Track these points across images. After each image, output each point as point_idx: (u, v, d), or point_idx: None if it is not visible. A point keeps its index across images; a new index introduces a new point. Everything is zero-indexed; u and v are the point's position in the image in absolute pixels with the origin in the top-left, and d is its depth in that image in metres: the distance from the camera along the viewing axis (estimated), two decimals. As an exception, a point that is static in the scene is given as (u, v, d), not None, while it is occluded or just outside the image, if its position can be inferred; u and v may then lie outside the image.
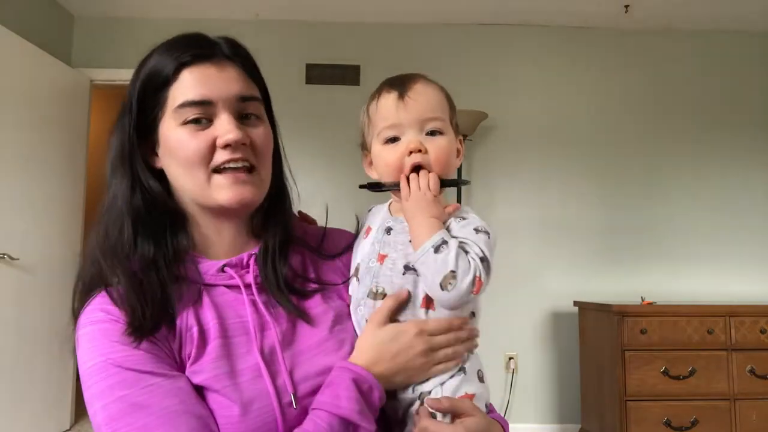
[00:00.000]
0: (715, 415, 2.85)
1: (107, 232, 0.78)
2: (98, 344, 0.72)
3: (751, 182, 3.65)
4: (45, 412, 3.13)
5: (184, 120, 0.77)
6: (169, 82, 0.78)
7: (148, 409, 0.68)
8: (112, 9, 3.58)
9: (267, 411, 0.72)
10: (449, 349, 0.80)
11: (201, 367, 0.73)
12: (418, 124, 0.84)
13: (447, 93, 0.89)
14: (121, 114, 0.82)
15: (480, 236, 0.80)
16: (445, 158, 0.84)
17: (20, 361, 2.92)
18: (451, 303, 0.79)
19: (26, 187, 3.01)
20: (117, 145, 0.81)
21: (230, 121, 0.77)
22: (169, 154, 0.79)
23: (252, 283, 0.81)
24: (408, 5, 3.49)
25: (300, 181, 0.92)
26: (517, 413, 3.46)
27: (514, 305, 3.51)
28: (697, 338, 2.89)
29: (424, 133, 0.84)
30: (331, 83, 3.60)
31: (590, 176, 3.63)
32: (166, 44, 0.81)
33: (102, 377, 0.70)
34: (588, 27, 3.69)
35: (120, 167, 0.80)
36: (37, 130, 3.09)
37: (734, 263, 3.57)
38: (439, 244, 0.77)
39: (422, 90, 0.85)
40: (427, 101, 0.84)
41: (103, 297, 0.75)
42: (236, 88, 0.80)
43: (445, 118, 0.86)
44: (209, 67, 0.79)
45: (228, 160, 0.77)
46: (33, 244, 3.02)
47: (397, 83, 0.86)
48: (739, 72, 3.71)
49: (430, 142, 0.84)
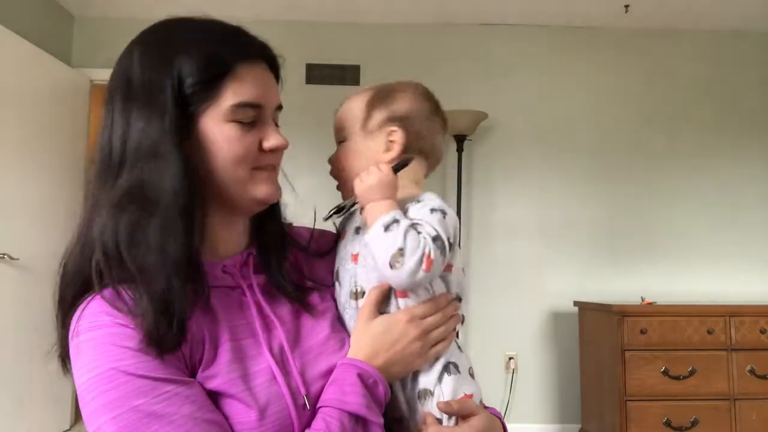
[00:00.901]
0: (715, 415, 2.85)
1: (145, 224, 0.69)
2: (104, 351, 0.66)
3: (751, 182, 3.65)
4: (45, 413, 3.13)
5: (235, 118, 0.74)
6: (224, 76, 0.74)
7: (166, 418, 0.64)
8: (112, 9, 3.58)
9: (283, 414, 0.71)
10: (441, 328, 0.81)
11: (214, 372, 0.70)
12: (335, 136, 0.94)
13: (375, 93, 0.92)
14: (146, 93, 0.72)
15: (435, 215, 0.80)
16: (342, 164, 0.91)
17: (20, 361, 2.92)
18: (402, 282, 0.77)
19: (26, 187, 3.01)
20: (156, 127, 0.71)
21: (275, 128, 0.80)
22: (210, 148, 0.74)
23: (254, 283, 0.80)
24: (408, 5, 3.49)
25: (300, 180, 0.92)
26: (517, 413, 3.46)
27: (514, 305, 3.51)
28: (697, 338, 2.89)
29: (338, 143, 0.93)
30: (331, 83, 3.60)
31: (590, 176, 3.63)
32: (212, 30, 0.79)
33: (110, 387, 0.64)
34: (588, 27, 3.69)
35: (168, 151, 0.71)
36: (37, 130, 3.09)
37: (734, 263, 3.57)
38: (389, 223, 0.78)
39: (342, 108, 0.94)
40: (339, 115, 0.94)
41: (101, 300, 0.69)
42: (276, 95, 0.81)
43: (349, 125, 0.91)
44: (263, 67, 0.80)
45: (270, 162, 0.80)
46: (33, 244, 3.02)
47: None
48: (739, 72, 3.71)
49: (336, 152, 0.93)
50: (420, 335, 0.79)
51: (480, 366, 0.87)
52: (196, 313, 0.72)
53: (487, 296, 3.52)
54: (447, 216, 0.81)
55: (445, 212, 0.81)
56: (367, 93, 0.93)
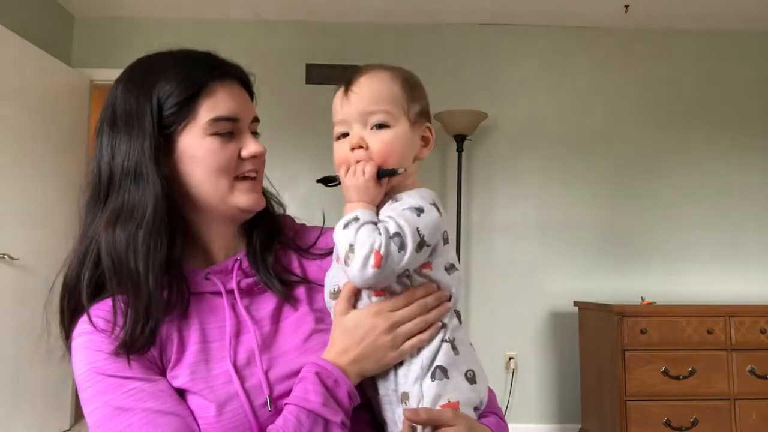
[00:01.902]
0: (715, 415, 2.85)
1: (135, 249, 0.78)
2: (85, 354, 0.78)
3: (751, 182, 3.65)
4: (45, 413, 3.13)
5: (214, 131, 0.82)
6: (199, 95, 0.82)
7: (130, 411, 0.73)
8: (112, 9, 3.58)
9: (240, 412, 0.75)
10: (416, 320, 0.78)
11: (179, 372, 0.78)
12: (360, 118, 0.82)
13: (408, 80, 0.86)
14: (129, 119, 0.81)
15: (405, 212, 0.77)
16: (388, 152, 0.81)
17: (20, 361, 2.92)
18: (355, 279, 0.75)
19: (26, 187, 3.01)
20: (137, 151, 0.80)
21: (252, 137, 0.86)
22: (193, 161, 0.82)
23: (235, 288, 0.85)
24: (408, 5, 3.49)
25: (300, 180, 0.93)
26: (517, 413, 3.46)
27: (514, 305, 3.51)
28: (697, 338, 2.89)
29: (368, 127, 0.82)
30: (331, 83, 3.58)
31: (590, 176, 3.63)
32: (182, 58, 0.86)
33: (89, 384, 0.76)
34: (588, 27, 3.69)
35: (147, 172, 0.79)
36: (37, 130, 3.09)
37: (734, 263, 3.57)
38: (349, 221, 0.76)
39: (366, 82, 0.83)
40: (370, 93, 0.82)
41: (94, 309, 0.79)
42: (251, 109, 0.88)
43: (391, 109, 0.82)
44: (236, 85, 0.87)
45: (249, 170, 0.85)
46: (33, 244, 3.02)
47: (347, 77, 0.85)
48: (739, 72, 3.71)
49: (373, 137, 0.81)
50: (389, 328, 0.78)
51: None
52: (171, 318, 0.80)
53: (487, 296, 3.52)
54: (423, 214, 0.77)
55: (421, 209, 0.77)
56: (397, 76, 0.85)
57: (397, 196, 0.81)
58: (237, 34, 3.56)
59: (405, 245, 0.74)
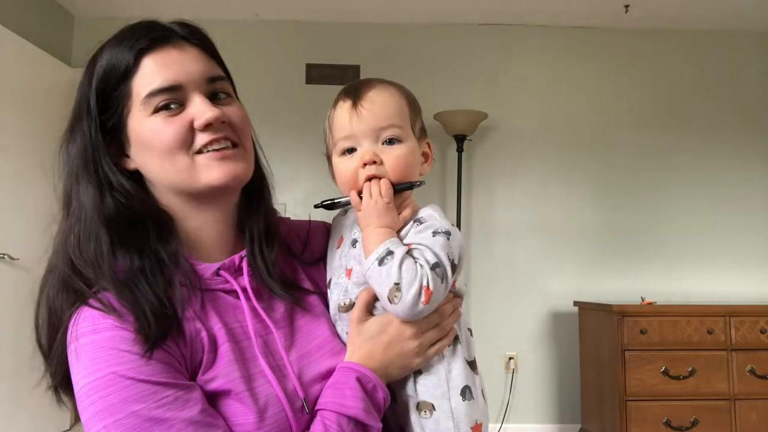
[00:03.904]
0: (715, 415, 2.84)
1: (79, 245, 0.72)
2: (104, 355, 0.65)
3: (750, 182, 3.65)
4: (45, 413, 3.12)
5: (154, 108, 0.73)
6: (129, 73, 0.74)
7: (167, 422, 0.64)
8: (112, 9, 3.58)
9: (281, 417, 0.71)
10: (439, 326, 0.78)
11: (216, 373, 0.70)
12: (372, 134, 0.80)
13: (409, 96, 0.85)
14: (76, 119, 0.76)
15: (437, 239, 0.76)
16: (403, 167, 0.80)
17: (20, 361, 2.92)
18: (405, 317, 0.75)
19: (26, 187, 3.01)
20: (78, 152, 0.75)
21: (204, 101, 0.74)
22: (143, 147, 0.74)
23: (248, 287, 0.78)
24: (408, 5, 3.49)
25: (300, 180, 0.93)
26: (517, 413, 3.46)
27: (514, 305, 3.51)
28: (697, 338, 2.89)
29: (380, 143, 0.80)
30: (331, 83, 3.59)
31: (590, 176, 3.63)
32: (116, 37, 0.78)
33: (111, 391, 0.64)
34: (588, 27, 3.69)
35: (84, 174, 0.75)
36: (37, 130, 3.09)
37: (734, 263, 3.57)
38: (383, 256, 0.74)
39: (377, 97, 0.81)
40: (382, 109, 0.80)
41: (95, 306, 0.69)
42: (202, 68, 0.76)
43: (402, 124, 0.81)
44: (170, 50, 0.75)
45: (210, 141, 0.74)
46: (33, 244, 3.01)
47: (352, 91, 0.83)
48: (739, 72, 3.71)
49: (387, 152, 0.80)
50: (416, 333, 0.76)
51: (480, 366, 0.85)
52: (191, 314, 0.72)
53: (487, 296, 3.51)
54: (451, 237, 0.77)
55: (449, 233, 0.77)
56: (401, 91, 0.85)
57: (419, 217, 0.80)
58: (237, 34, 3.55)
59: (446, 275, 0.74)
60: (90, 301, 0.69)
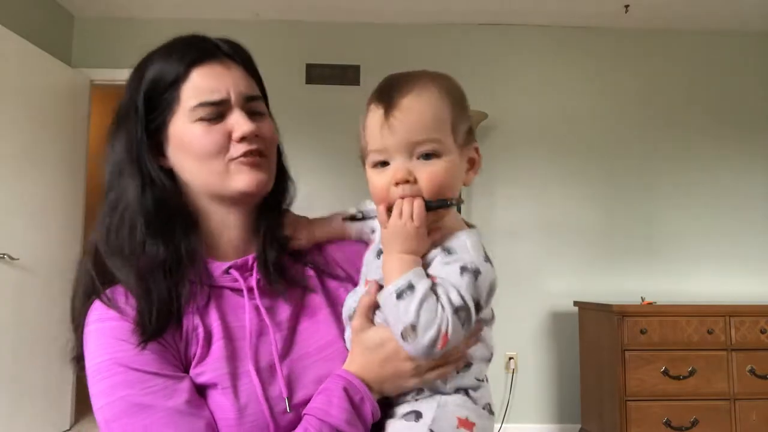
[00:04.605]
0: (715, 415, 2.85)
1: (115, 233, 0.79)
2: (105, 342, 0.74)
3: (751, 182, 3.65)
4: (45, 413, 3.13)
5: (198, 117, 0.80)
6: (178, 82, 0.80)
7: (150, 409, 0.70)
8: (112, 9, 3.58)
9: (259, 417, 0.73)
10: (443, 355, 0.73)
11: (205, 367, 0.75)
12: (406, 149, 0.71)
13: (455, 94, 0.75)
14: (123, 117, 0.83)
15: (464, 278, 0.69)
16: (439, 185, 0.72)
17: (20, 361, 2.92)
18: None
19: (26, 187, 3.01)
20: (122, 147, 0.82)
21: (242, 116, 0.81)
22: (182, 150, 0.81)
23: (254, 287, 0.82)
24: (408, 5, 3.49)
25: (300, 181, 0.92)
26: (517, 413, 3.46)
27: (514, 305, 3.51)
28: (697, 338, 2.89)
29: (415, 157, 0.72)
30: (331, 83, 3.60)
31: (590, 176, 3.63)
32: (168, 46, 0.83)
33: (106, 375, 0.72)
34: (588, 27, 3.69)
35: (129, 169, 0.81)
36: (37, 130, 3.09)
37: (734, 263, 3.57)
38: (403, 289, 0.68)
39: (412, 104, 0.71)
40: (418, 119, 0.71)
41: (109, 296, 0.76)
42: (243, 87, 0.83)
43: (441, 136, 0.72)
44: (216, 65, 0.82)
45: (245, 152, 0.81)
46: (33, 244, 3.02)
47: (385, 95, 0.73)
48: (739, 72, 3.71)
49: (422, 168, 0.71)
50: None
51: (480, 366, 0.85)
52: (193, 309, 0.78)
53: (487, 296, 3.51)
54: (481, 277, 0.70)
55: (478, 272, 0.70)
56: (445, 92, 0.74)
57: (449, 246, 0.73)
58: (237, 34, 3.50)
59: (469, 319, 0.69)
60: (102, 294, 0.77)
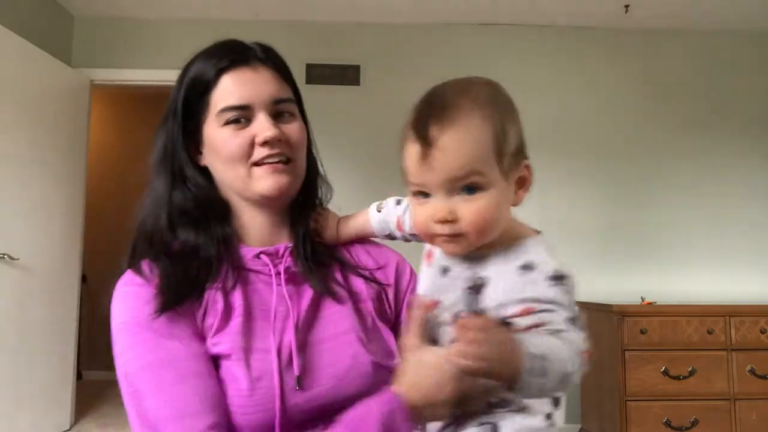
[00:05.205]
0: (715, 415, 2.85)
1: (144, 220, 0.87)
2: (129, 304, 0.80)
3: (751, 182, 3.65)
4: (45, 412, 3.13)
5: (225, 121, 0.85)
6: (210, 87, 0.86)
7: (165, 368, 0.74)
8: (112, 9, 3.58)
9: (270, 392, 0.75)
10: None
11: (221, 339, 0.78)
12: (446, 185, 0.66)
13: (501, 116, 0.69)
14: (165, 117, 0.90)
15: (558, 288, 0.65)
16: (483, 223, 0.67)
17: (20, 361, 2.92)
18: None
19: (26, 187, 3.01)
20: (161, 146, 0.89)
21: (267, 120, 0.85)
22: (213, 152, 0.87)
23: (282, 272, 0.86)
24: (408, 5, 3.49)
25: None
26: (517, 413, 3.45)
27: (514, 305, 3.51)
28: (697, 338, 2.89)
29: (456, 191, 0.67)
30: (331, 83, 3.60)
31: (590, 176, 3.63)
32: (205, 52, 0.89)
33: (127, 335, 0.78)
34: (588, 27, 3.69)
35: (162, 166, 0.88)
36: (37, 130, 3.09)
37: (734, 263, 3.57)
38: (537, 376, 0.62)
39: (451, 141, 0.65)
40: (459, 155, 0.65)
41: (138, 267, 0.83)
42: (271, 90, 0.87)
43: (485, 168, 0.66)
44: (246, 71, 0.86)
45: (266, 156, 0.85)
46: (33, 244, 3.02)
47: (422, 130, 0.66)
48: (740, 72, 3.71)
49: (466, 205, 0.66)
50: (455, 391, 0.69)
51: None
52: (217, 287, 0.82)
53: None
54: (567, 278, 0.66)
55: (563, 276, 0.66)
56: (488, 115, 0.68)
57: (529, 262, 0.68)
58: (237, 35, 3.53)
59: (581, 320, 0.68)
60: (133, 265, 0.83)
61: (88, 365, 4.52)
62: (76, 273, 3.40)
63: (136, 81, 3.68)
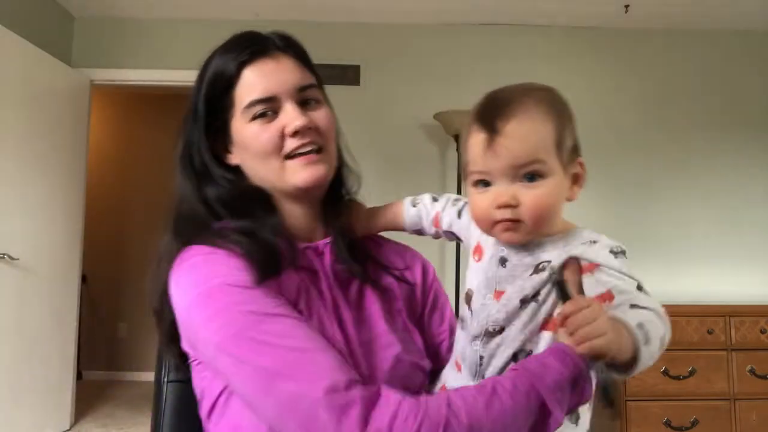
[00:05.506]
0: (715, 415, 2.85)
1: (181, 206, 0.86)
2: (216, 269, 0.74)
3: (750, 182, 3.65)
4: (45, 412, 3.13)
5: (253, 116, 0.82)
6: (232, 83, 0.83)
7: (280, 317, 0.70)
8: (112, 9, 3.58)
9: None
10: None
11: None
12: (510, 172, 0.70)
13: (560, 111, 0.75)
14: (185, 118, 0.88)
15: (619, 260, 0.72)
16: (542, 209, 0.72)
17: (20, 361, 2.92)
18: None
19: (26, 187, 3.01)
20: (181, 145, 0.87)
21: (294, 109, 0.83)
22: (243, 149, 0.85)
23: (328, 269, 0.85)
24: (408, 5, 3.49)
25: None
26: (517, 413, 3.45)
27: (514, 305, 3.51)
28: (697, 338, 2.89)
29: (518, 179, 0.71)
30: (331, 83, 3.57)
31: (589, 176, 3.59)
32: (223, 47, 0.86)
33: (222, 296, 0.71)
34: (588, 27, 3.69)
35: (181, 165, 0.87)
36: (37, 130, 3.09)
37: (734, 263, 3.57)
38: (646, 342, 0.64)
39: (515, 131, 0.70)
40: (523, 142, 0.70)
41: (212, 241, 0.78)
42: (294, 78, 0.85)
43: (547, 157, 0.71)
44: (267, 62, 0.84)
45: (298, 146, 0.83)
46: (33, 244, 3.02)
47: (488, 120, 0.72)
48: (739, 72, 3.71)
49: (526, 191, 0.71)
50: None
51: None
52: (287, 275, 0.79)
53: (487, 296, 3.51)
54: (625, 253, 0.73)
55: (620, 249, 0.73)
56: (549, 111, 0.73)
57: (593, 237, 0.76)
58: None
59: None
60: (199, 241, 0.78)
61: (88, 365, 4.52)
62: (76, 273, 3.40)
63: (136, 81, 3.68)
